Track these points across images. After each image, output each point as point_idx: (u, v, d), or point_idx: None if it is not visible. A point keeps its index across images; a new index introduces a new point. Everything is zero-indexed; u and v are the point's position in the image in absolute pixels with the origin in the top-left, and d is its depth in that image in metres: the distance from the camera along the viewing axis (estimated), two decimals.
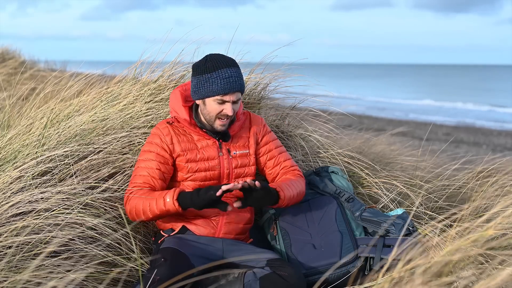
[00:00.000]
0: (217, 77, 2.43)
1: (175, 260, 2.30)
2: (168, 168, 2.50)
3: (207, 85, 2.44)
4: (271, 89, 3.50)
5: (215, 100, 2.45)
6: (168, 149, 2.50)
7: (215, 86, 2.43)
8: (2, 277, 2.01)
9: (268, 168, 2.69)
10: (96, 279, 2.30)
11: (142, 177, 2.47)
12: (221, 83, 2.42)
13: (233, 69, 2.46)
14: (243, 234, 2.60)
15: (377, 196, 3.19)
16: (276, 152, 2.69)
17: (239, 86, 2.46)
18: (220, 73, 2.43)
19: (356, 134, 6.48)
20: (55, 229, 2.29)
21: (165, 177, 2.50)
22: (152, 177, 2.46)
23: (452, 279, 1.70)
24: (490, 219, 2.02)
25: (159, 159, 2.48)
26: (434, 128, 16.02)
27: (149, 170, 2.47)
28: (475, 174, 3.70)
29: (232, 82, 2.43)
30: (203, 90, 2.46)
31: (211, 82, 2.43)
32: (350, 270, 2.51)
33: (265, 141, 2.68)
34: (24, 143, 2.78)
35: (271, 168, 2.68)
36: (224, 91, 2.43)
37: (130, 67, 3.50)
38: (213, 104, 2.46)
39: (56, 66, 9.20)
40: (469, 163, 4.35)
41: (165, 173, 2.49)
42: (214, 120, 2.50)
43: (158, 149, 2.50)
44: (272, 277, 2.29)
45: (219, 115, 2.48)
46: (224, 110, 2.46)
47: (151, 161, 2.48)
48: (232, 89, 2.44)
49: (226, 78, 2.43)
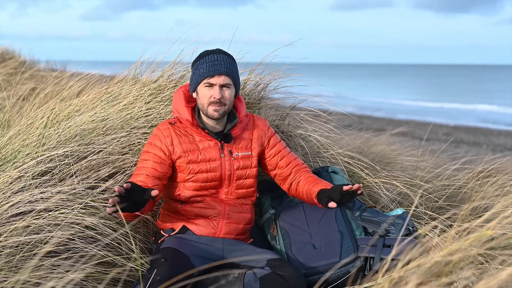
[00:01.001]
0: (204, 62, 2.52)
1: (175, 260, 2.30)
2: (164, 168, 2.49)
3: (196, 73, 2.54)
4: (271, 89, 3.50)
5: (203, 85, 2.51)
6: (167, 151, 2.50)
7: (201, 70, 2.51)
8: (2, 277, 2.01)
9: (280, 168, 2.70)
10: (96, 279, 2.30)
11: (137, 176, 2.46)
12: (206, 67, 2.50)
13: (220, 55, 2.54)
14: (243, 234, 2.60)
15: (377, 196, 3.19)
16: (286, 152, 2.72)
17: (224, 69, 2.50)
18: (207, 58, 2.53)
19: (356, 134, 6.48)
20: (55, 229, 2.29)
21: (161, 177, 2.48)
22: (147, 175, 2.45)
23: (452, 279, 1.70)
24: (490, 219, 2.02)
25: (155, 159, 2.48)
26: (434, 128, 16.02)
27: (146, 170, 2.46)
28: (475, 174, 3.70)
29: (217, 65, 2.50)
30: (194, 79, 2.55)
31: (198, 68, 2.53)
32: (350, 270, 2.51)
33: (273, 143, 2.69)
34: (24, 143, 2.78)
35: (284, 167, 2.70)
36: (209, 73, 2.49)
37: (130, 67, 3.50)
38: (203, 90, 2.51)
39: (56, 66, 9.20)
40: (469, 163, 4.36)
41: (162, 172, 2.48)
42: (207, 108, 2.51)
43: (156, 150, 2.50)
44: (272, 277, 2.29)
45: (210, 101, 2.50)
46: (213, 94, 2.49)
47: (148, 161, 2.49)
48: (217, 71, 2.49)
49: (211, 61, 2.51)
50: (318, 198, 2.54)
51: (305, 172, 2.71)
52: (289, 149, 2.79)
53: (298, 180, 2.69)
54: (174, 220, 2.55)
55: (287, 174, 2.70)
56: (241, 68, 3.06)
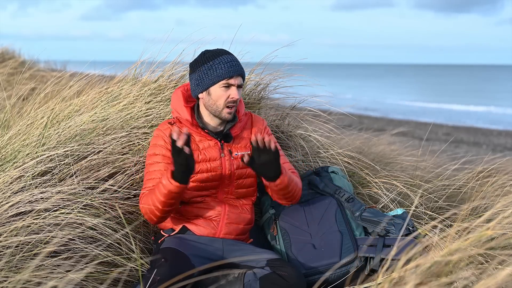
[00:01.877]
0: (220, 62, 2.48)
1: (175, 260, 2.30)
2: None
3: (210, 73, 2.48)
4: (271, 89, 3.50)
5: (220, 86, 2.47)
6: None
7: (220, 71, 2.47)
8: (2, 277, 2.01)
9: None
10: (96, 279, 2.30)
11: (152, 180, 2.45)
12: (225, 67, 2.47)
13: (232, 56, 2.54)
14: (243, 234, 2.60)
15: (377, 196, 3.19)
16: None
17: (241, 69, 2.52)
18: (222, 58, 2.49)
19: (356, 134, 6.48)
20: (55, 229, 2.29)
21: None
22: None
23: (452, 279, 1.70)
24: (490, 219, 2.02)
25: (166, 160, 2.47)
26: (434, 128, 16.02)
27: (158, 173, 2.45)
28: (475, 174, 3.70)
29: (235, 65, 2.49)
30: (207, 79, 2.49)
31: (214, 69, 2.48)
32: (350, 270, 2.51)
33: None
34: (24, 143, 2.78)
35: None
36: (230, 74, 2.47)
37: (130, 67, 3.50)
38: (219, 91, 2.48)
39: (56, 66, 9.20)
40: (469, 163, 4.36)
41: None
42: (222, 109, 2.49)
43: (163, 150, 2.49)
44: (272, 277, 2.29)
45: (227, 101, 2.48)
46: (230, 95, 2.47)
47: (158, 164, 2.47)
48: (236, 71, 2.48)
49: (229, 62, 2.49)
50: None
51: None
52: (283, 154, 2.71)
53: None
54: (174, 220, 2.55)
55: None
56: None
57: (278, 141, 3.30)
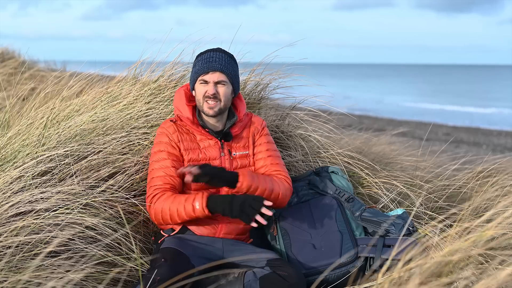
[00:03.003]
0: (200, 60, 2.57)
1: (175, 260, 2.30)
2: (181, 165, 2.50)
3: (193, 70, 2.59)
4: (271, 89, 3.50)
5: (199, 82, 2.54)
6: (176, 147, 2.52)
7: (197, 68, 2.56)
8: (2, 277, 2.01)
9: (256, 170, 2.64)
10: (96, 279, 2.30)
11: (160, 178, 2.46)
12: (201, 64, 2.55)
13: (217, 53, 2.57)
14: (243, 234, 2.60)
15: (377, 196, 3.19)
16: (265, 154, 2.64)
17: (218, 65, 2.53)
18: (203, 56, 2.57)
19: (356, 134, 6.48)
20: (55, 229, 2.29)
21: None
22: (170, 176, 2.46)
23: (452, 279, 1.70)
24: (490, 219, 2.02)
25: (172, 157, 2.49)
26: (434, 128, 16.02)
27: (165, 170, 2.46)
28: (475, 174, 3.70)
29: (211, 62, 2.53)
30: (192, 77, 2.60)
31: (194, 66, 2.59)
32: (350, 270, 2.51)
33: (259, 142, 2.66)
34: (24, 143, 2.78)
35: (257, 169, 2.63)
36: (203, 70, 2.52)
37: (130, 67, 3.50)
38: (199, 87, 2.54)
39: (56, 66, 9.20)
40: (469, 163, 4.36)
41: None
42: (202, 104, 2.54)
43: (168, 147, 2.51)
44: (272, 277, 2.29)
45: (204, 97, 2.52)
46: (207, 90, 2.51)
47: (165, 160, 2.48)
48: (211, 67, 2.52)
49: (206, 59, 2.55)
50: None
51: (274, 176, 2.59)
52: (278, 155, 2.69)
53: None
54: None
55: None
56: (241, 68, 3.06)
57: (278, 141, 3.30)
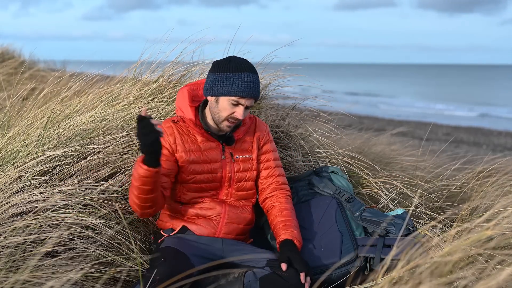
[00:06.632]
0: (239, 78, 2.42)
1: (175, 260, 2.30)
2: (170, 164, 2.47)
3: (226, 84, 2.43)
4: (271, 89, 3.50)
5: (230, 100, 2.44)
6: (170, 148, 2.49)
7: (235, 87, 2.42)
8: (1, 277, 2.01)
9: (261, 178, 2.66)
10: (96, 278, 2.30)
11: None
12: (242, 85, 2.42)
13: (255, 75, 2.47)
14: (243, 234, 2.60)
15: (377, 196, 3.19)
16: (273, 164, 2.67)
17: (257, 92, 2.46)
18: (243, 75, 2.43)
19: (356, 134, 6.48)
20: (54, 229, 2.29)
21: (168, 173, 2.47)
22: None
23: (452, 279, 1.70)
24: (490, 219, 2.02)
25: (162, 158, 2.47)
26: (434, 128, 16.01)
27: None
28: (475, 174, 3.70)
29: (252, 87, 2.43)
30: (221, 88, 2.44)
31: (231, 82, 2.42)
32: (350, 270, 2.51)
33: (266, 150, 2.67)
34: (24, 143, 2.78)
35: (264, 178, 2.66)
36: (243, 94, 2.42)
37: (130, 67, 3.50)
38: (226, 104, 2.45)
39: (56, 66, 9.19)
40: (469, 163, 4.36)
41: (168, 169, 2.46)
42: (222, 121, 2.48)
43: (163, 148, 2.49)
44: (272, 277, 2.29)
45: (229, 117, 2.46)
46: (235, 113, 2.45)
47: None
48: (251, 93, 2.43)
49: (248, 82, 2.43)
50: (280, 247, 2.47)
51: (283, 197, 2.63)
52: (281, 164, 2.73)
53: (272, 205, 2.63)
54: (174, 220, 2.54)
55: (264, 187, 2.66)
56: None
57: (278, 141, 3.30)
